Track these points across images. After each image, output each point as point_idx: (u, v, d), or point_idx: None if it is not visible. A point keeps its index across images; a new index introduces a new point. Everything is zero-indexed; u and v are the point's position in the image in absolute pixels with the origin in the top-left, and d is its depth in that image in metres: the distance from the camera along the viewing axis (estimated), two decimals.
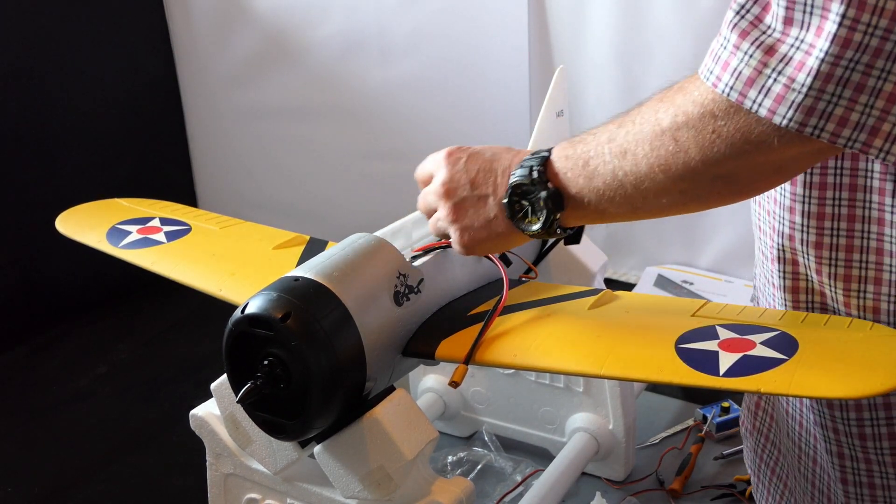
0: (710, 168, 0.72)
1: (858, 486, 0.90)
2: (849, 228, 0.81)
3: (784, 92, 0.65)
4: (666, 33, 1.78)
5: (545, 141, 1.33)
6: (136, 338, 2.00)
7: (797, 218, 0.83)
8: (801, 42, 0.64)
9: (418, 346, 0.90)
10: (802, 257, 0.85)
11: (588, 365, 0.81)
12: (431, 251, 0.99)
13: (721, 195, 0.76)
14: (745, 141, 0.69)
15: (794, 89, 0.64)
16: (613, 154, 0.78)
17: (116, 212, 1.28)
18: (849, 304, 0.83)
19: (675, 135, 0.73)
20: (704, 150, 0.71)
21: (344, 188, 2.25)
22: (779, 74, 0.65)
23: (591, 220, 0.85)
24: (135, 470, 1.53)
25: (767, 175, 0.73)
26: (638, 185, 0.77)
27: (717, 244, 1.95)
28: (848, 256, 0.82)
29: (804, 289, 0.87)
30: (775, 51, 0.65)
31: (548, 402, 1.38)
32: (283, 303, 0.80)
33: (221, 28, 2.21)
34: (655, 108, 0.76)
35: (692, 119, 0.72)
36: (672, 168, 0.74)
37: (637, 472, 1.39)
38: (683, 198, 0.76)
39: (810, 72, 0.63)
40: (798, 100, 0.64)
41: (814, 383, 0.69)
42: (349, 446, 0.86)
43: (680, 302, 0.93)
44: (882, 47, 0.61)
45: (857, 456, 0.89)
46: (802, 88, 0.64)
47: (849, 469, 0.90)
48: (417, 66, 2.03)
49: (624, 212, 0.81)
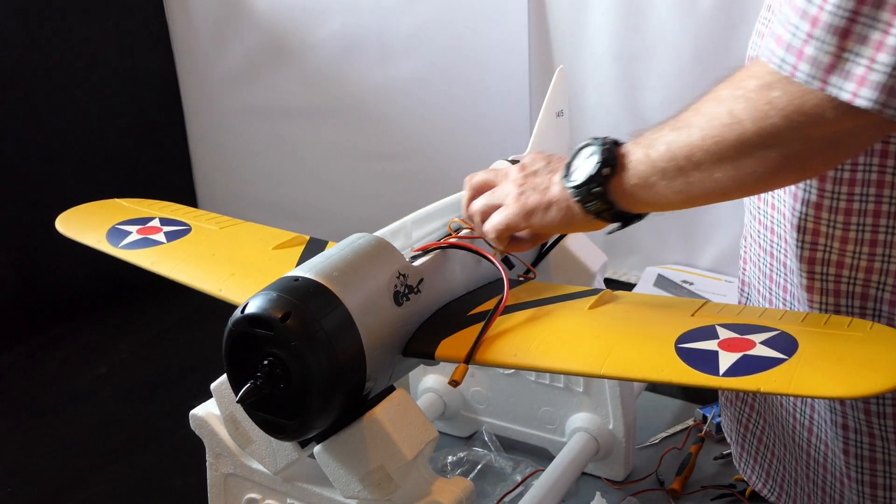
0: (764, 140, 0.73)
1: (859, 458, 0.92)
2: (877, 194, 0.83)
3: (865, 73, 0.66)
4: (666, 33, 1.78)
5: (545, 141, 1.33)
6: (136, 338, 2.00)
7: (827, 185, 0.85)
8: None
9: (418, 345, 0.91)
10: (827, 226, 0.86)
11: (588, 364, 0.81)
12: (431, 251, 0.99)
13: (776, 172, 0.76)
14: (798, 112, 0.70)
15: (873, 69, 0.66)
16: (671, 128, 0.81)
17: (116, 212, 1.28)
18: (871, 270, 0.85)
19: (730, 106, 0.75)
20: (758, 122, 0.73)
21: (344, 188, 2.26)
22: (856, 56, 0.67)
23: (641, 198, 0.84)
24: (135, 470, 1.53)
25: (822, 149, 0.74)
26: (690, 157, 0.77)
27: (717, 244, 1.95)
28: (875, 221, 0.84)
29: (821, 260, 0.88)
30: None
31: (548, 402, 1.38)
32: (282, 303, 0.80)
33: (221, 28, 2.21)
34: (715, 88, 0.80)
35: (748, 91, 0.74)
36: (725, 140, 0.75)
37: (637, 472, 1.39)
38: (737, 173, 0.76)
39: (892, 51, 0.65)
40: (878, 79, 0.66)
41: (814, 383, 0.70)
42: (349, 446, 0.86)
43: (679, 302, 0.94)
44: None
45: (861, 429, 0.90)
46: (884, 68, 0.65)
47: (852, 441, 0.91)
48: (417, 66, 2.03)
49: (677, 188, 0.80)
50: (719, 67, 1.95)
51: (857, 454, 0.92)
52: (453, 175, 1.47)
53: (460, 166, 1.56)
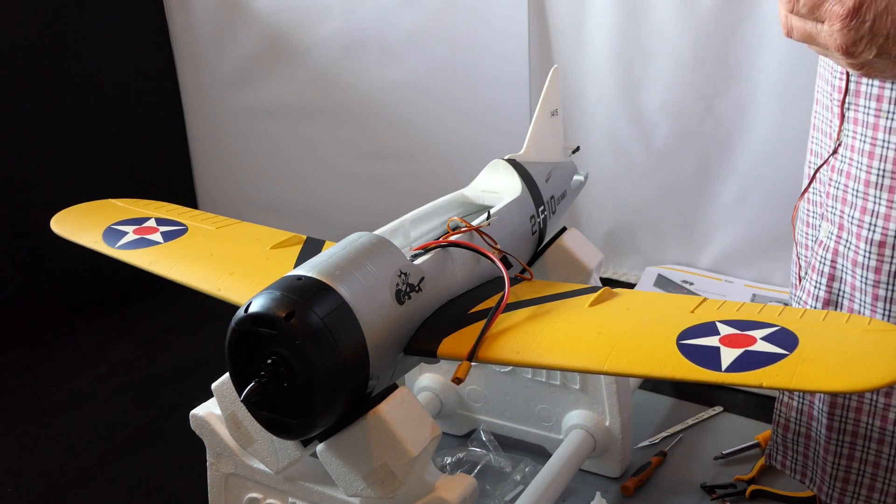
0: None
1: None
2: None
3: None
4: (666, 33, 1.78)
5: (541, 140, 1.34)
6: (136, 338, 1.99)
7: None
8: None
9: (420, 344, 0.91)
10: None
11: (591, 361, 0.81)
12: (431, 249, 0.99)
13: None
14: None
15: None
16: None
17: (111, 212, 1.28)
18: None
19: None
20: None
21: (344, 188, 2.26)
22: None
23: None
24: (135, 470, 1.53)
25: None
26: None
27: (717, 244, 1.95)
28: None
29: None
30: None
31: (544, 400, 1.38)
32: (286, 301, 0.81)
33: (221, 28, 2.21)
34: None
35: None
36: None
37: (633, 469, 1.40)
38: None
39: None
40: None
41: (816, 377, 0.70)
42: (352, 444, 0.87)
43: (679, 299, 0.94)
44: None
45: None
46: None
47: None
48: (417, 66, 2.03)
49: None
50: (719, 67, 1.97)
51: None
52: (452, 174, 1.48)
53: (459, 166, 1.57)
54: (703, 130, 1.85)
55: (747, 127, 1.81)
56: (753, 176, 1.84)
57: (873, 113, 0.99)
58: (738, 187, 1.87)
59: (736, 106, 1.79)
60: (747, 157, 1.83)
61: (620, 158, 1.93)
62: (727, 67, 1.76)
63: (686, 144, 1.87)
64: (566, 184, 1.37)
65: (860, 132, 1.01)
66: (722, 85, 1.79)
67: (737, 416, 1.55)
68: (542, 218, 1.24)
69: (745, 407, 1.56)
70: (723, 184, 1.88)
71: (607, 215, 2.01)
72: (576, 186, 1.40)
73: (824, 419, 1.11)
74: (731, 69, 1.76)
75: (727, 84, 1.78)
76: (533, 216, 1.21)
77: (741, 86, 1.77)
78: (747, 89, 1.77)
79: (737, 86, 1.77)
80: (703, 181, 1.90)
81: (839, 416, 1.09)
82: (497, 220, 1.12)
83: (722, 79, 1.78)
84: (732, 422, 1.54)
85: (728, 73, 1.77)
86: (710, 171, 1.88)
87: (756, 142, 1.81)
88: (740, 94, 1.78)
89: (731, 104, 1.80)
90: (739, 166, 1.85)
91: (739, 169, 1.85)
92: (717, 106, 1.81)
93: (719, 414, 1.56)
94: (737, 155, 1.84)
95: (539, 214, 1.23)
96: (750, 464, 1.40)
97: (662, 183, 1.93)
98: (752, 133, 1.81)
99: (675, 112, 1.84)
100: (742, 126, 1.81)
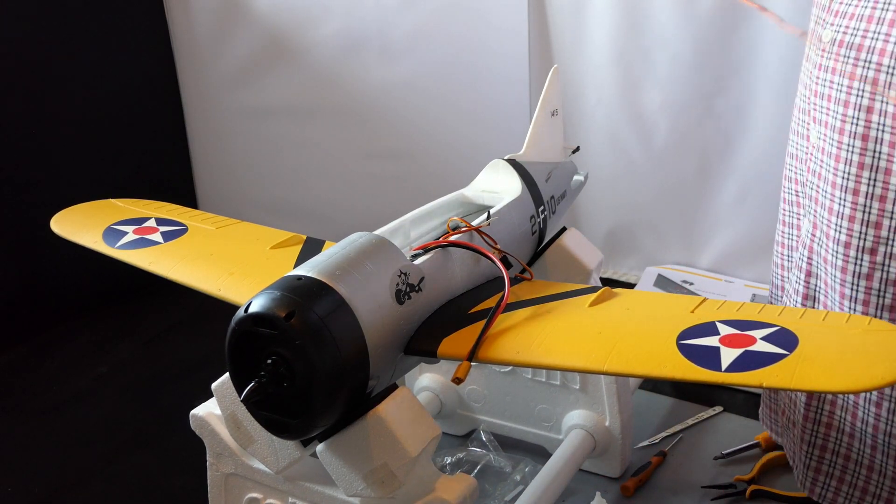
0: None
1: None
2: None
3: None
4: (666, 33, 1.78)
5: (541, 140, 1.34)
6: (136, 338, 1.99)
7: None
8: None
9: (420, 344, 0.91)
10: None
11: (591, 361, 0.81)
12: (431, 249, 0.99)
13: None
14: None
15: None
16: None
17: (111, 212, 1.28)
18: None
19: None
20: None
21: (344, 188, 2.26)
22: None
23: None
24: (135, 470, 1.53)
25: None
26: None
27: (717, 244, 1.95)
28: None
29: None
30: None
31: (544, 400, 1.38)
32: (287, 301, 0.80)
33: (221, 28, 2.21)
34: None
35: None
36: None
37: (632, 469, 1.40)
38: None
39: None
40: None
41: (816, 377, 0.70)
42: (352, 444, 0.86)
43: (679, 299, 0.94)
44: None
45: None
46: None
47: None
48: (417, 66, 2.03)
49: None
50: (719, 68, 1.96)
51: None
52: (452, 175, 1.48)
53: (459, 166, 1.57)
54: (703, 130, 1.84)
55: (747, 127, 1.81)
56: (753, 176, 1.84)
57: (839, 118, 1.02)
58: (738, 187, 1.87)
59: (736, 106, 1.79)
60: (747, 157, 1.83)
61: (620, 158, 1.93)
62: (727, 67, 1.76)
63: (686, 144, 1.87)
64: (566, 184, 1.37)
65: (829, 135, 1.05)
66: (722, 85, 1.79)
67: (737, 416, 1.55)
68: (542, 218, 1.24)
69: (745, 407, 1.56)
70: (723, 184, 1.88)
71: (607, 215, 2.01)
72: (576, 186, 1.41)
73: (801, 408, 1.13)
74: (731, 69, 1.76)
75: (727, 84, 1.78)
76: (533, 216, 1.21)
77: (741, 86, 1.77)
78: (747, 89, 1.77)
79: (737, 86, 1.77)
80: (703, 181, 1.90)
81: (815, 406, 1.11)
82: (497, 220, 1.12)
83: (722, 79, 1.78)
84: (732, 422, 1.54)
85: (728, 73, 1.77)
86: (710, 171, 1.88)
87: (756, 142, 1.81)
88: (740, 94, 1.78)
89: (731, 104, 1.80)
90: (739, 166, 1.85)
91: (739, 169, 1.85)
92: (717, 106, 1.81)
93: (719, 414, 1.56)
94: (737, 155, 1.84)
95: (539, 214, 1.23)
96: (750, 464, 1.40)
97: (662, 183, 1.93)
98: (752, 133, 1.81)
99: (675, 112, 1.84)
100: (742, 126, 1.81)
